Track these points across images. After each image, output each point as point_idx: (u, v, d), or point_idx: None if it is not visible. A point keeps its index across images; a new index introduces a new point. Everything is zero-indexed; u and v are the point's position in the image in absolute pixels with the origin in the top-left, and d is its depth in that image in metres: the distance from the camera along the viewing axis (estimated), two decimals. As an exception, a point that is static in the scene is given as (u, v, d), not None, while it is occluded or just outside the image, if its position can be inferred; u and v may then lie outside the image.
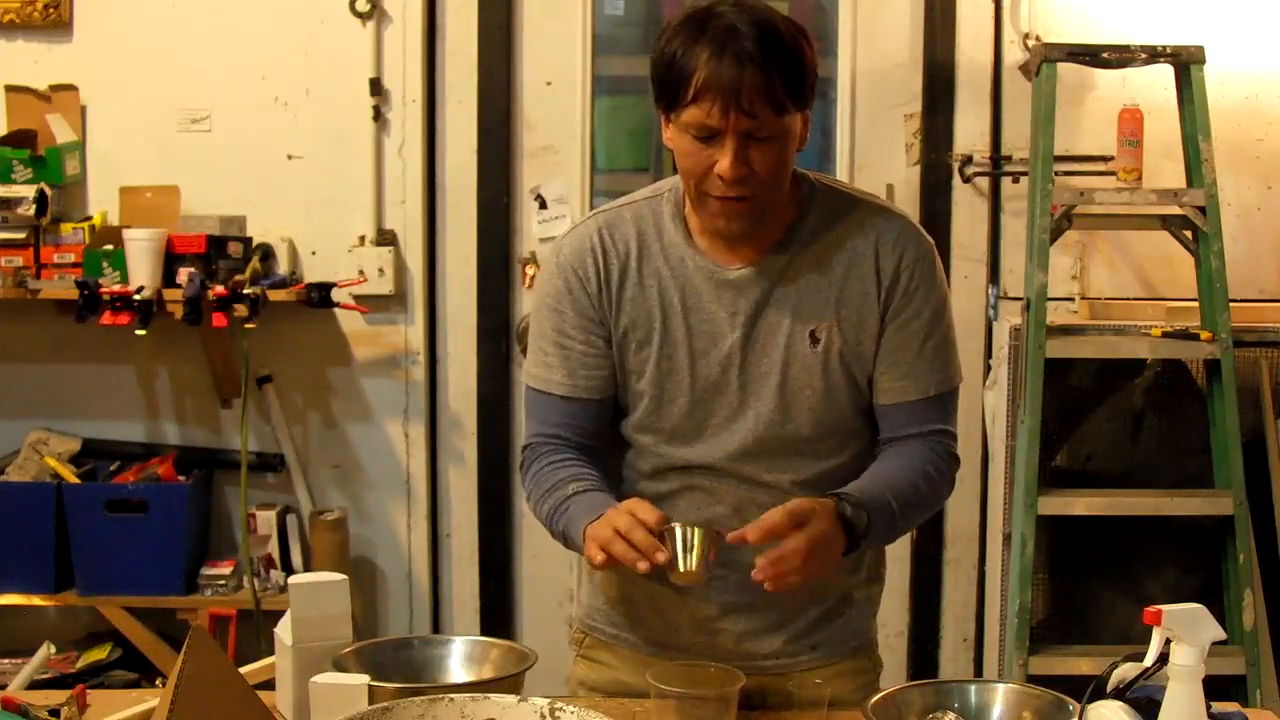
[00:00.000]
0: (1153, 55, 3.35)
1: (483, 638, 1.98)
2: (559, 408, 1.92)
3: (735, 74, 1.70)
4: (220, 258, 3.59)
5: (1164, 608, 1.57)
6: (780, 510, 1.73)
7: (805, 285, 1.86)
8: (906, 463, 1.89)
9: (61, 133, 3.70)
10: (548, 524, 1.90)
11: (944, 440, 1.93)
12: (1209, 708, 1.58)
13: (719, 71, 1.70)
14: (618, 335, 1.90)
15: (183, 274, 3.53)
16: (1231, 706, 1.74)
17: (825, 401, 1.88)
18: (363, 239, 3.79)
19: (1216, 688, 1.64)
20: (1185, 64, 3.33)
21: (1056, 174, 3.42)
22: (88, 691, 1.90)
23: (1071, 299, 3.71)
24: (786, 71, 1.72)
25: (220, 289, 3.48)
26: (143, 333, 3.50)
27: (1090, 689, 1.65)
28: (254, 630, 3.57)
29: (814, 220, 1.88)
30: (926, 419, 1.90)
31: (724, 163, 1.74)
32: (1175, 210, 3.40)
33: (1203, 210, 3.34)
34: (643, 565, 1.70)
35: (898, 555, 3.86)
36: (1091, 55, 3.38)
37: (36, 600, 3.66)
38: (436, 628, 3.90)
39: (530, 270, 3.81)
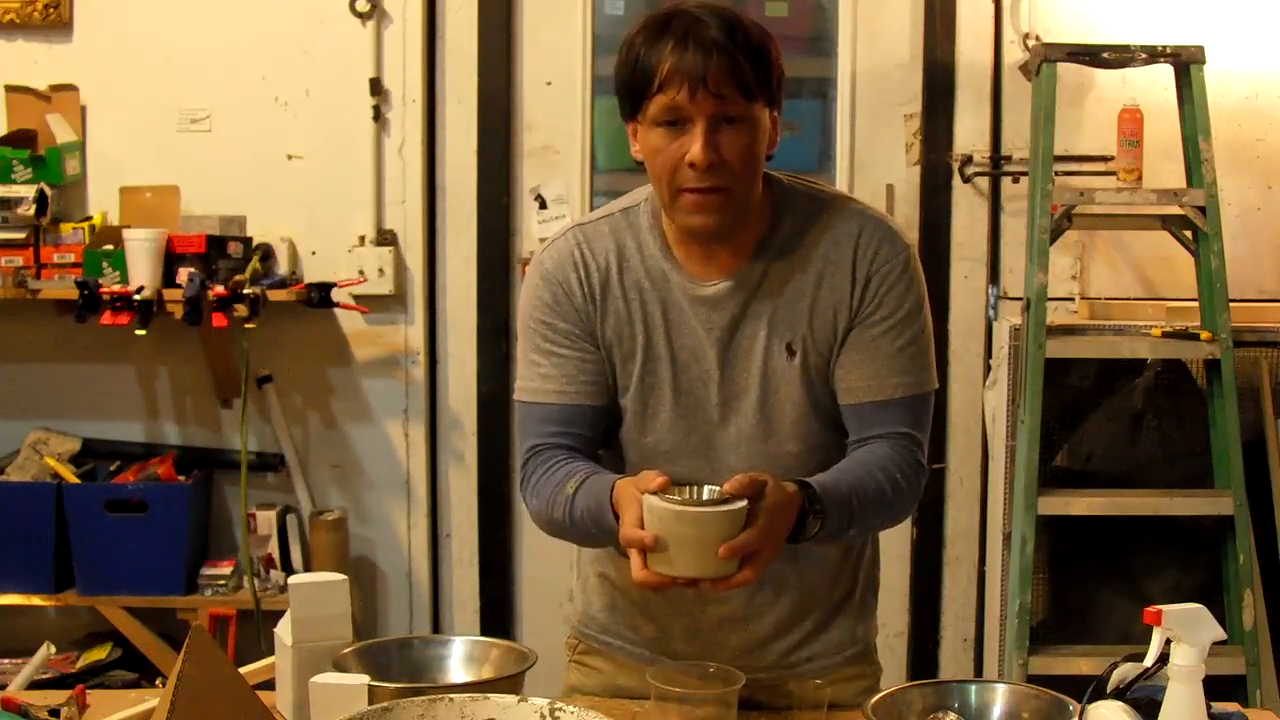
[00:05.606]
0: (1153, 55, 3.34)
1: (483, 638, 1.98)
2: (553, 415, 1.86)
3: (701, 59, 1.69)
4: (220, 258, 3.59)
5: (1164, 608, 1.56)
6: (747, 479, 1.65)
7: (780, 297, 1.83)
8: (872, 462, 1.81)
9: (61, 133, 3.70)
10: (561, 528, 1.83)
11: (911, 446, 1.85)
12: (1209, 708, 1.58)
13: (684, 57, 1.70)
14: (604, 347, 1.86)
15: (183, 274, 3.53)
16: (1231, 706, 1.74)
17: (808, 415, 1.85)
18: (363, 239, 3.79)
19: (1216, 688, 1.64)
20: (1185, 64, 3.33)
21: (1056, 174, 3.42)
22: (88, 691, 1.90)
23: (1071, 299, 3.71)
24: (753, 59, 1.72)
25: (220, 289, 3.48)
26: (143, 333, 3.50)
27: (1090, 689, 1.64)
28: (254, 630, 3.56)
29: (788, 226, 1.84)
30: (892, 422, 1.83)
31: (695, 148, 1.71)
32: (1175, 210, 3.40)
33: (1203, 210, 3.34)
34: None
35: (898, 555, 3.85)
36: (1091, 55, 3.38)
37: (36, 600, 3.66)
38: (436, 628, 3.90)
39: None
